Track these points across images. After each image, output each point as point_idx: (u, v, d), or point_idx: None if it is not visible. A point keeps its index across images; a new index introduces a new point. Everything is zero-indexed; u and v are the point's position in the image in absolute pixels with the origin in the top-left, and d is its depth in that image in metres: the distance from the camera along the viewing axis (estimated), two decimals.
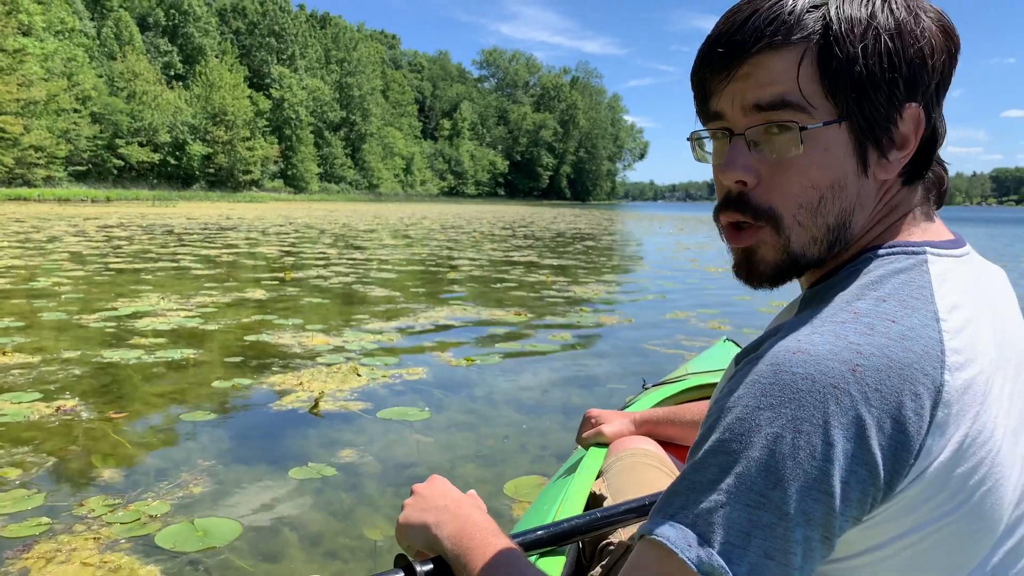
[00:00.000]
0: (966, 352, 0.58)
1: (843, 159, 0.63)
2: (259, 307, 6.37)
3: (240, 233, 17.27)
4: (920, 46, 0.61)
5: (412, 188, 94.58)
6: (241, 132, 60.97)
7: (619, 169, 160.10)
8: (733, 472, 0.55)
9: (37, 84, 44.12)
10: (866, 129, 0.62)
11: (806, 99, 0.62)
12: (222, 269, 9.39)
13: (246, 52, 73.86)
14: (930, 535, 0.57)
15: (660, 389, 1.83)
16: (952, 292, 0.61)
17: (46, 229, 16.65)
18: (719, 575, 0.53)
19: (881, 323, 0.57)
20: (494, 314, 6.29)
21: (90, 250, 11.56)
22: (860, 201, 0.65)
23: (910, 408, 0.54)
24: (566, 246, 16.03)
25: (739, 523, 0.54)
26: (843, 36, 0.60)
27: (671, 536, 0.55)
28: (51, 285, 7.42)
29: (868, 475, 0.54)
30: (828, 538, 0.55)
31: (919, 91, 0.62)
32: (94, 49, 55.47)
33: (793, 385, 0.55)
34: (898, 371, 0.55)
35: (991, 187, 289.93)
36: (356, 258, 11.59)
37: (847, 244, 0.66)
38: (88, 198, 42.25)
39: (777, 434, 0.54)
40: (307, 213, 33.36)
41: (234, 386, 3.78)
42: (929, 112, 0.64)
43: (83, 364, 4.17)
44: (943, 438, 0.55)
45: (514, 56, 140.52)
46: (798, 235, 0.65)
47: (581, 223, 30.54)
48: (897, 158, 0.64)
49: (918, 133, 0.64)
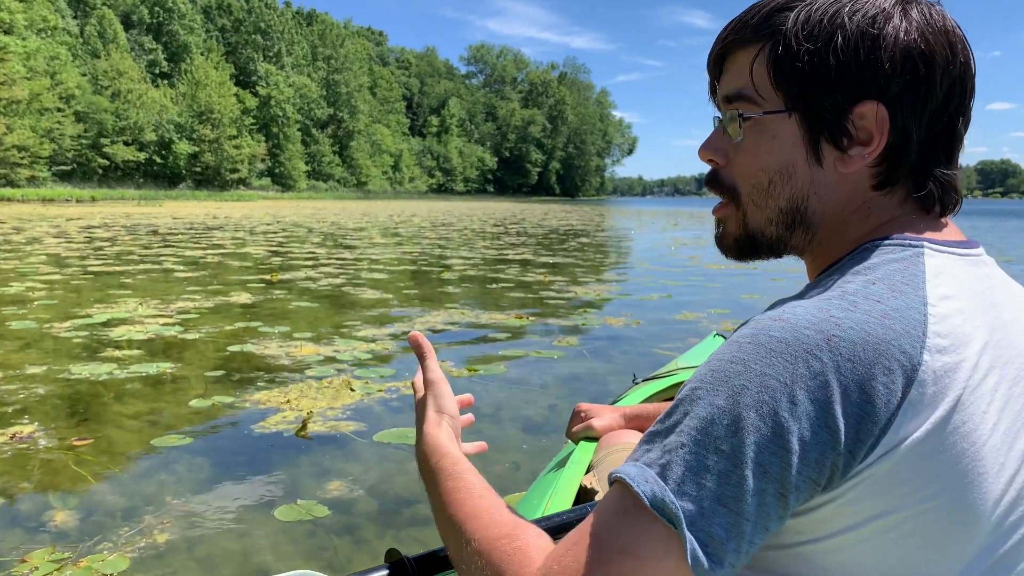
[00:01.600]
0: (951, 338, 0.58)
1: (791, 148, 0.68)
2: (244, 312, 6.01)
3: (226, 233, 16.84)
4: (877, 48, 0.63)
5: (400, 185, 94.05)
6: (228, 130, 60.31)
7: (608, 165, 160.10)
8: (696, 416, 0.57)
9: (19, 83, 43.48)
10: (815, 122, 0.66)
11: (757, 91, 0.68)
12: (206, 271, 9.01)
13: (232, 49, 73.12)
14: (906, 521, 0.57)
15: (650, 384, 1.84)
16: (945, 284, 0.62)
17: (26, 230, 16.18)
18: (670, 511, 0.54)
19: (865, 302, 0.59)
20: (493, 317, 5.95)
21: (70, 252, 11.14)
22: (816, 190, 0.68)
23: (881, 381, 0.55)
24: (560, 243, 15.69)
25: (695, 466, 0.55)
26: (793, 35, 0.65)
27: (631, 472, 0.57)
28: (24, 290, 7.02)
29: (829, 438, 0.54)
30: (783, 495, 0.55)
31: (873, 90, 0.64)
32: (77, 47, 54.74)
33: (767, 345, 0.57)
34: (874, 346, 0.56)
35: (976, 179, 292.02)
36: (346, 258, 11.22)
37: (811, 229, 0.70)
38: (73, 198, 41.66)
39: (743, 386, 0.56)
40: (295, 211, 32.88)
41: (214, 405, 3.43)
42: (895, 112, 0.65)
43: (48, 381, 3.80)
44: (917, 417, 0.56)
45: (502, 52, 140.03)
46: (753, 213, 0.71)
47: (573, 219, 30.22)
48: (861, 153, 0.66)
49: (882, 131, 0.65)
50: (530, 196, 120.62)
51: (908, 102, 0.65)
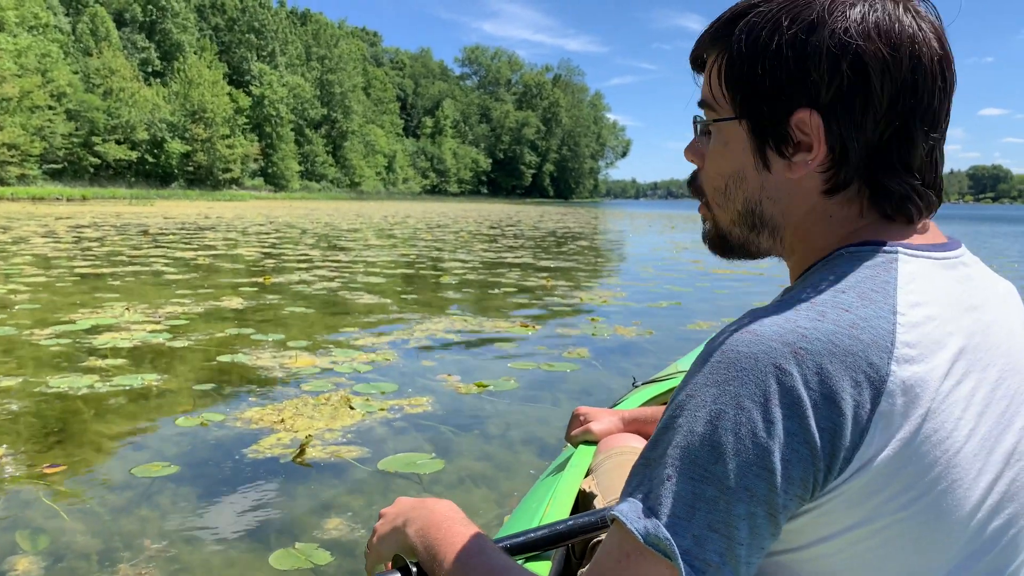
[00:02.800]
0: (919, 347, 0.58)
1: (741, 153, 0.68)
2: (236, 318, 5.73)
3: (218, 233, 16.52)
4: (804, 57, 0.62)
5: (394, 186, 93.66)
6: (221, 130, 59.84)
7: (602, 167, 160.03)
8: (679, 446, 0.56)
9: (10, 80, 43.02)
10: (758, 128, 0.66)
11: (714, 99, 0.69)
12: (197, 274, 8.71)
13: (225, 49, 72.64)
14: (882, 531, 0.57)
15: (649, 387, 1.81)
16: (918, 291, 0.61)
17: (14, 230, 15.81)
18: (664, 546, 0.54)
19: (833, 311, 0.58)
20: (498, 326, 5.68)
21: (57, 252, 10.81)
22: (768, 194, 0.68)
23: (849, 394, 0.54)
24: (560, 246, 15.44)
25: (684, 496, 0.55)
26: (738, 43, 0.66)
27: (624, 510, 0.57)
28: (6, 293, 6.72)
29: (808, 454, 0.54)
30: (773, 515, 0.55)
31: (805, 98, 0.63)
32: (69, 45, 54.22)
33: (737, 363, 0.56)
34: (840, 357, 0.55)
35: (968, 184, 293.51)
36: (340, 260, 10.94)
37: (775, 232, 0.70)
38: (63, 197, 41.18)
39: (720, 410, 0.55)
40: (288, 212, 32.52)
41: (202, 423, 3.15)
42: (831, 121, 0.63)
43: (23, 395, 3.52)
44: (890, 428, 0.55)
45: (496, 54, 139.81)
46: (719, 214, 0.73)
47: (569, 221, 29.98)
48: (804, 160, 0.65)
49: (819, 138, 0.64)
50: (524, 198, 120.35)
51: (842, 109, 0.63)
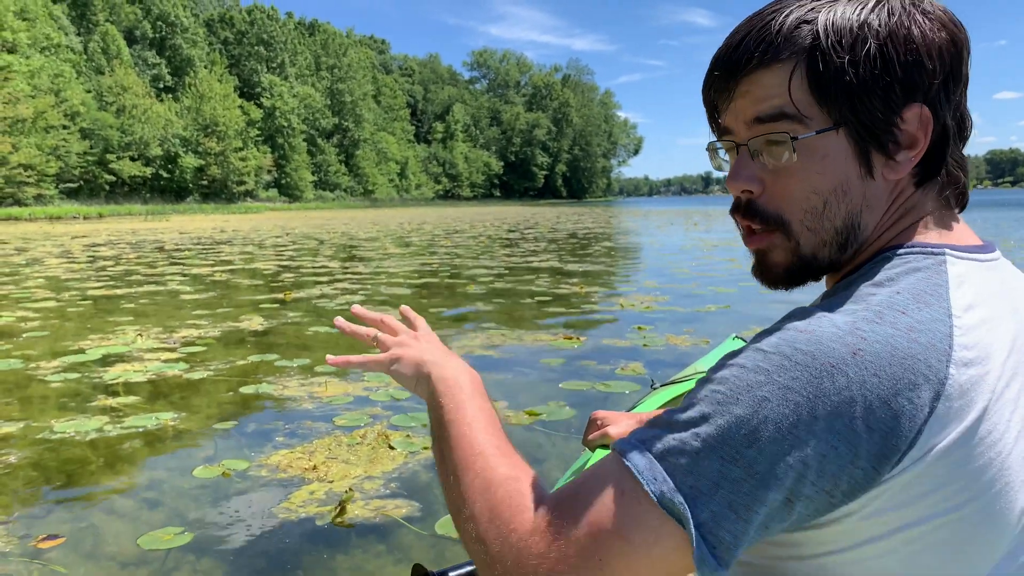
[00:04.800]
0: (976, 350, 0.57)
1: (844, 164, 0.64)
2: (257, 342, 5.34)
3: (235, 247, 16.23)
4: (914, 47, 0.61)
5: (407, 192, 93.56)
6: (233, 142, 59.92)
7: (614, 166, 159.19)
8: (715, 423, 0.55)
9: (24, 101, 43.21)
10: (865, 133, 0.63)
11: (799, 110, 0.64)
12: (214, 291, 8.36)
13: (235, 62, 72.86)
14: (932, 532, 0.56)
15: (668, 389, 1.80)
16: (969, 293, 0.60)
17: (29, 251, 15.61)
18: (679, 512, 0.54)
19: (891, 313, 0.57)
20: (538, 339, 5.25)
21: (70, 274, 10.53)
22: (868, 203, 0.66)
23: (907, 397, 0.54)
24: (584, 248, 14.98)
25: (710, 472, 0.54)
26: (830, 48, 0.62)
27: (639, 463, 0.56)
28: (15, 320, 6.39)
29: (849, 453, 0.53)
30: (790, 501, 0.55)
31: (918, 92, 0.62)
32: (81, 64, 54.51)
33: (792, 357, 0.55)
34: (900, 360, 0.54)
35: (986, 169, 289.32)
36: (361, 272, 10.57)
37: (860, 245, 0.67)
38: (80, 215, 41.32)
39: (765, 397, 0.55)
40: (304, 222, 32.31)
41: (224, 474, 2.75)
42: (936, 110, 0.63)
43: (24, 444, 3.14)
44: (943, 431, 0.55)
45: (504, 56, 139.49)
46: (807, 239, 0.67)
47: (588, 222, 29.50)
48: (907, 158, 0.64)
49: (927, 132, 0.63)
50: (537, 199, 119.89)
51: (945, 96, 0.63)
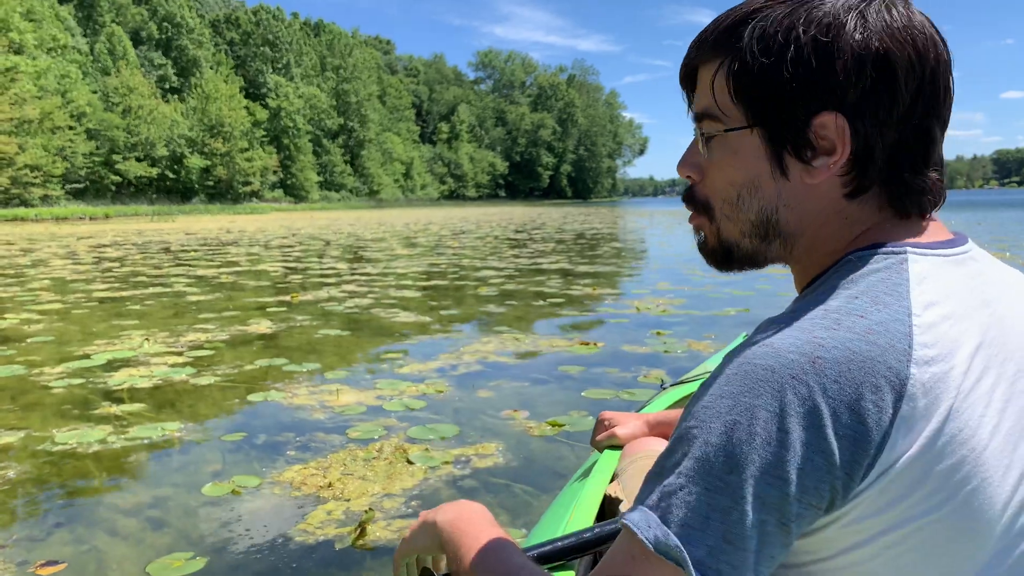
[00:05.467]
0: (938, 347, 0.57)
1: (755, 162, 0.66)
2: (265, 346, 5.20)
3: (241, 248, 16.12)
4: (831, 56, 0.61)
5: (413, 193, 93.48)
6: (239, 143, 59.94)
7: (619, 166, 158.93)
8: (693, 456, 0.56)
9: (30, 102, 43.27)
10: (775, 135, 0.65)
11: (720, 108, 0.67)
12: (221, 293, 8.23)
13: (241, 62, 72.89)
14: (913, 534, 0.57)
15: (677, 389, 1.78)
16: (930, 290, 0.60)
17: (34, 252, 15.53)
18: (675, 555, 0.54)
19: (848, 318, 0.57)
20: (554, 344, 5.10)
21: (75, 276, 10.41)
22: (785, 201, 0.66)
23: (870, 400, 0.54)
24: (593, 249, 14.82)
25: (697, 506, 0.55)
26: (749, 49, 0.64)
27: (635, 519, 0.57)
28: (19, 323, 6.26)
29: (824, 464, 0.54)
30: (785, 524, 0.54)
31: (830, 100, 0.62)
32: (87, 65, 54.59)
33: (753, 375, 0.56)
34: (859, 364, 0.55)
35: (992, 169, 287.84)
36: (369, 273, 10.43)
37: (788, 240, 0.68)
38: (86, 216, 41.35)
39: (735, 420, 0.55)
40: (309, 223, 32.22)
41: (234, 491, 2.60)
42: (856, 121, 0.63)
43: (24, 456, 3.00)
44: (911, 432, 0.55)
45: (510, 57, 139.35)
46: (726, 226, 0.70)
47: (595, 222, 29.33)
48: (825, 163, 0.64)
49: (843, 140, 0.63)
50: (542, 199, 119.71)
51: (868, 109, 0.63)
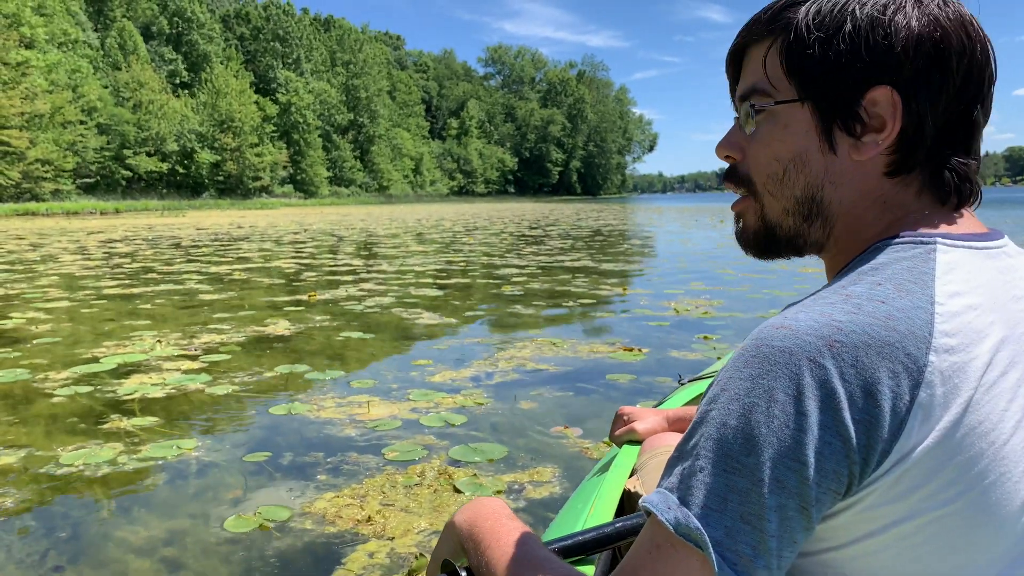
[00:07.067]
0: (959, 336, 0.56)
1: (804, 136, 0.66)
2: (284, 349, 4.88)
3: (253, 244, 15.83)
4: (889, 32, 0.62)
5: (422, 188, 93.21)
6: (249, 138, 59.76)
7: (628, 162, 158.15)
8: (712, 438, 0.56)
9: (41, 96, 43.17)
10: (828, 109, 0.65)
11: (770, 83, 0.67)
12: (234, 291, 7.93)
13: (251, 57, 72.71)
14: (927, 526, 0.56)
15: (695, 384, 1.76)
16: (957, 280, 0.60)
17: (44, 247, 15.29)
18: (695, 536, 0.54)
19: (869, 304, 0.57)
20: (595, 350, 4.76)
21: (85, 271, 10.14)
22: (830, 178, 0.66)
23: (887, 385, 0.54)
24: (614, 246, 14.45)
25: (716, 488, 0.55)
26: (804, 26, 0.65)
27: (655, 501, 0.57)
28: (26, 323, 5.97)
29: (842, 447, 0.54)
30: (805, 508, 0.54)
31: (886, 74, 0.62)
32: (98, 60, 54.49)
33: (771, 357, 0.56)
34: (877, 349, 0.54)
35: (1004, 167, 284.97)
36: (386, 270, 10.11)
37: (827, 221, 0.68)
38: (97, 211, 41.23)
39: (753, 403, 0.55)
40: (320, 218, 31.95)
41: (262, 526, 2.27)
42: (910, 98, 0.63)
43: (24, 480, 2.68)
44: (929, 420, 0.55)
45: (519, 52, 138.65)
46: (769, 203, 0.70)
47: (609, 219, 28.94)
48: (874, 140, 0.64)
49: (896, 116, 0.63)
50: (552, 196, 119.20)
51: (922, 87, 0.62)
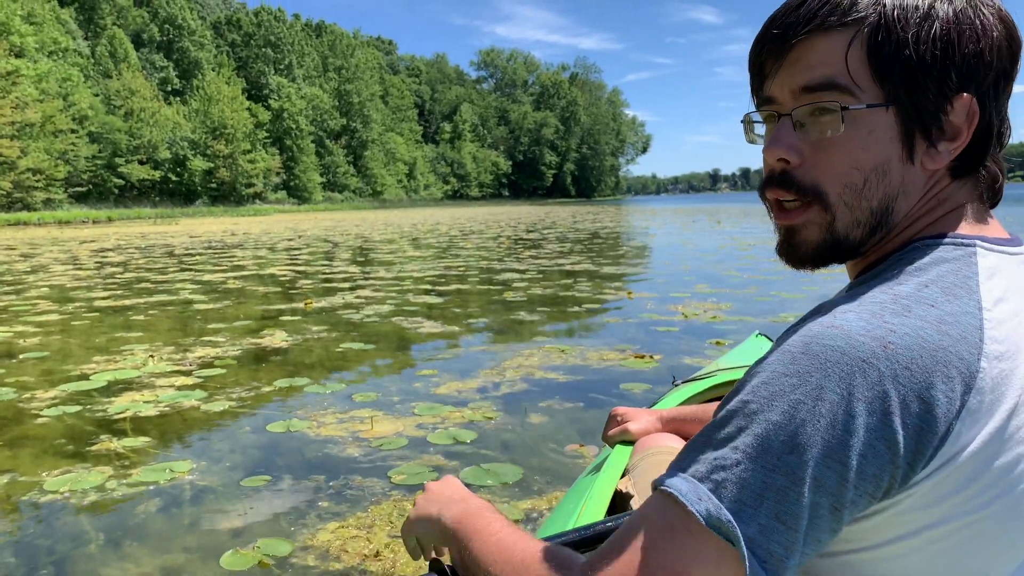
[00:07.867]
0: (1007, 344, 0.56)
1: (888, 144, 0.62)
2: (281, 361, 4.70)
3: (247, 251, 15.63)
4: (977, 37, 0.60)
5: (416, 193, 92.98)
6: (242, 145, 59.47)
7: (622, 164, 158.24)
8: (752, 433, 0.54)
9: (32, 105, 42.86)
10: (914, 116, 0.61)
11: (854, 81, 0.61)
12: (229, 300, 7.74)
13: (243, 64, 72.43)
14: (959, 530, 0.55)
15: (689, 385, 1.76)
16: (999, 286, 0.59)
17: (35, 257, 15.05)
18: (727, 530, 0.53)
19: (919, 306, 0.56)
20: (605, 357, 4.59)
21: (76, 282, 9.93)
22: (904, 188, 0.64)
23: (940, 390, 0.53)
24: (613, 249, 14.30)
25: (753, 484, 0.53)
26: (896, 21, 0.60)
27: (682, 488, 0.55)
28: (13, 336, 5.77)
29: (887, 452, 0.52)
30: (837, 509, 0.53)
31: (973, 82, 0.61)
32: (89, 68, 54.18)
33: (822, 356, 0.54)
34: (931, 353, 0.53)
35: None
36: (384, 277, 9.92)
37: (889, 230, 0.65)
38: (89, 219, 40.93)
39: (799, 400, 0.53)
40: (314, 224, 31.73)
41: (261, 563, 2.09)
42: (984, 105, 0.62)
43: (4, 509, 2.48)
44: (975, 426, 0.54)
45: (512, 55, 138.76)
46: (843, 215, 0.65)
47: (605, 221, 28.81)
48: (947, 149, 0.62)
49: (971, 124, 0.62)
50: (546, 199, 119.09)
51: (996, 93, 0.62)
